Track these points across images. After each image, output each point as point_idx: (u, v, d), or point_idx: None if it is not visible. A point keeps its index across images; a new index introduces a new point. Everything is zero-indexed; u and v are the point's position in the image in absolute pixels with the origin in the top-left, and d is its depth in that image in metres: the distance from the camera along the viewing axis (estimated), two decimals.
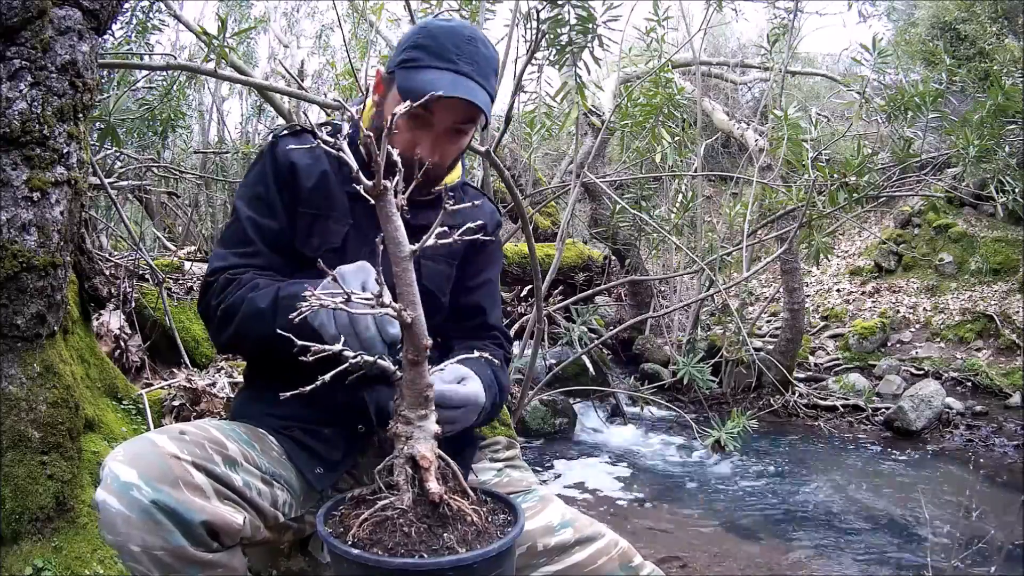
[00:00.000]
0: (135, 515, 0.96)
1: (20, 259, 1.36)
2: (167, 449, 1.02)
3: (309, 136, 1.32)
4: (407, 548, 0.86)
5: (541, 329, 3.00)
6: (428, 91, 1.10)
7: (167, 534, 0.97)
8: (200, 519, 0.99)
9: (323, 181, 1.29)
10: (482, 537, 0.89)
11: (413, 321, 0.88)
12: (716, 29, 8.91)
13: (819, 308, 8.38)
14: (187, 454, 1.03)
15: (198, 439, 1.08)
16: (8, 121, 1.33)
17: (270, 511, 1.13)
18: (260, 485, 1.12)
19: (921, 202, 8.14)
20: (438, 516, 0.90)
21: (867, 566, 3.21)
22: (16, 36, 1.33)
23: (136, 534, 0.97)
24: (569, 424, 5.34)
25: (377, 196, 0.86)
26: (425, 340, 0.90)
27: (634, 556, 1.27)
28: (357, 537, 0.88)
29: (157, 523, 0.97)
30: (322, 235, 1.28)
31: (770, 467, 4.71)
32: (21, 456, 1.42)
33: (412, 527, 0.88)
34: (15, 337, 1.40)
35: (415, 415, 0.92)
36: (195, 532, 0.99)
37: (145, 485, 0.98)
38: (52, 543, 1.45)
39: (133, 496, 0.97)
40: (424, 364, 0.92)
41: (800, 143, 3.63)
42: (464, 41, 1.21)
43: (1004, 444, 5.13)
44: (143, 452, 1.02)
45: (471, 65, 1.21)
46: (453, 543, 0.87)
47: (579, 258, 6.53)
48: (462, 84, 1.18)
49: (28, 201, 1.37)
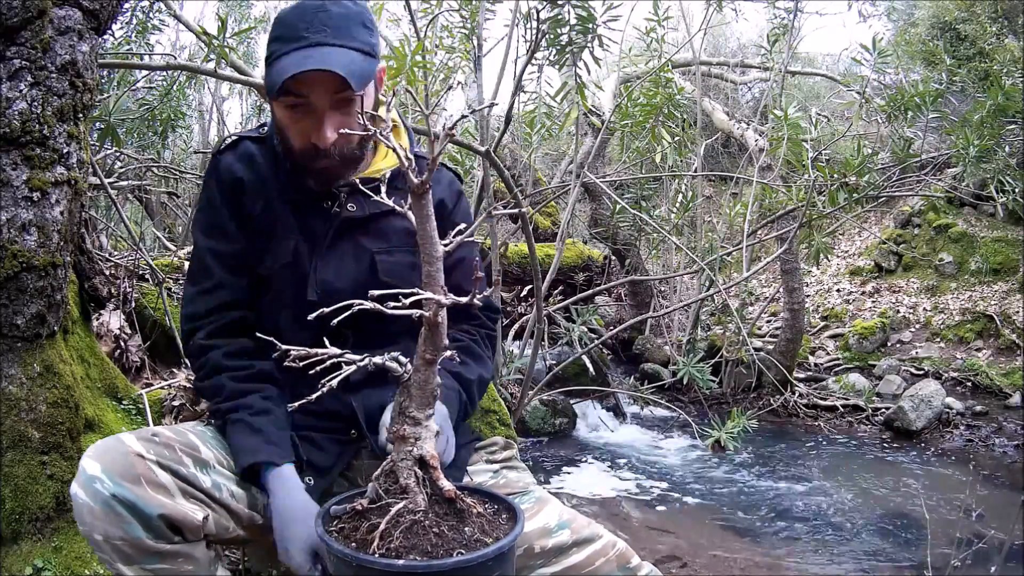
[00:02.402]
0: (97, 506, 1.01)
1: (20, 259, 1.37)
2: (133, 448, 1.06)
3: (248, 144, 1.30)
4: (446, 549, 0.85)
5: (541, 329, 3.01)
6: (281, 80, 1.11)
7: (126, 525, 1.02)
8: (158, 512, 1.03)
9: (268, 197, 1.27)
10: (493, 529, 0.89)
11: (442, 321, 0.89)
12: (716, 29, 8.91)
13: (819, 308, 8.38)
14: (153, 454, 1.07)
15: (169, 441, 1.11)
16: (8, 121, 1.33)
17: (244, 512, 1.16)
18: (233, 487, 1.15)
19: (921, 202, 8.14)
20: (456, 512, 0.90)
21: (867, 566, 3.21)
22: (16, 36, 1.33)
23: (99, 524, 1.01)
24: (569, 424, 5.34)
25: (419, 194, 0.85)
26: (444, 340, 0.91)
27: (632, 557, 1.26)
28: (389, 547, 0.85)
29: (117, 515, 1.01)
30: (274, 253, 1.28)
31: (770, 467, 4.71)
32: (21, 456, 1.42)
33: (436, 527, 0.88)
34: (15, 337, 1.40)
35: (424, 415, 0.92)
36: (153, 524, 1.03)
37: (107, 479, 1.02)
38: (52, 543, 1.45)
39: (96, 488, 1.02)
40: (435, 364, 0.91)
41: (800, 143, 3.63)
42: (311, 12, 1.16)
43: (1004, 444, 5.12)
44: (110, 449, 1.06)
45: (322, 31, 1.15)
46: (477, 536, 0.87)
47: (579, 258, 6.53)
48: (313, 55, 1.13)
49: (28, 201, 1.37)
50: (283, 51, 1.15)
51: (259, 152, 1.30)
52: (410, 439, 0.92)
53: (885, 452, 5.05)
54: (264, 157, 1.29)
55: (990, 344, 6.74)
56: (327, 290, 1.25)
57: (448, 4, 3.00)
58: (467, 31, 2.89)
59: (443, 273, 0.90)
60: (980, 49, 8.09)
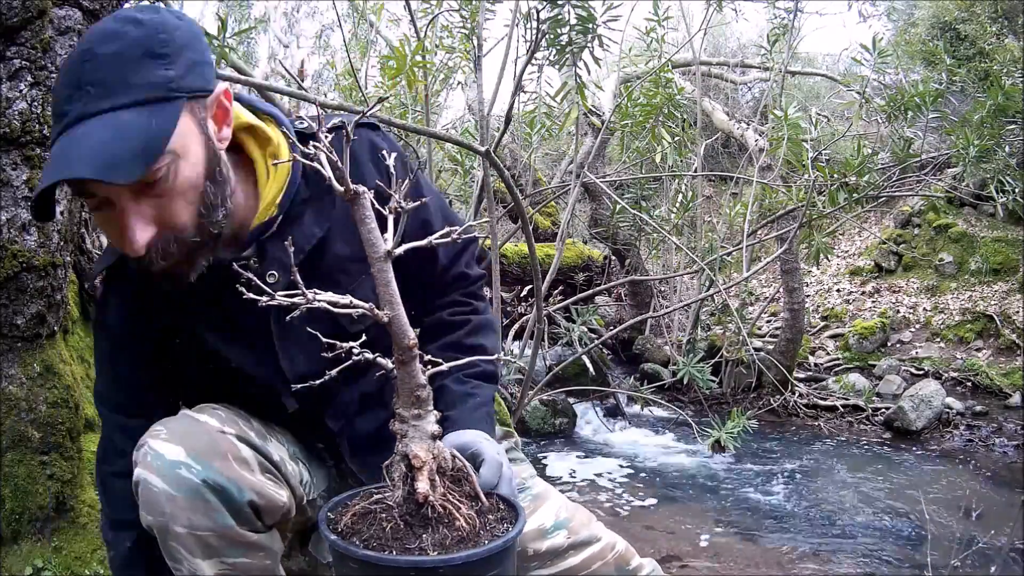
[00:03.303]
0: (182, 494, 0.93)
1: (20, 259, 1.37)
2: (212, 424, 0.99)
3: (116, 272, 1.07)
4: (379, 543, 0.86)
5: (541, 329, 3.00)
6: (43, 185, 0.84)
7: (215, 514, 0.94)
8: (248, 498, 0.96)
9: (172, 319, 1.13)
10: (464, 544, 0.87)
11: (391, 320, 0.89)
12: (716, 29, 8.91)
13: (819, 308, 8.38)
14: (230, 428, 1.00)
15: (231, 415, 1.04)
16: (8, 121, 1.33)
17: (299, 489, 1.11)
18: (289, 461, 1.09)
19: (921, 202, 8.14)
20: (421, 516, 0.90)
21: (867, 566, 3.21)
22: (16, 36, 1.33)
23: (183, 514, 0.93)
24: (569, 424, 5.35)
25: (352, 200, 0.84)
26: (407, 340, 0.90)
27: (632, 558, 1.24)
28: (346, 525, 0.89)
29: (206, 502, 0.93)
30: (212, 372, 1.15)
31: (770, 467, 4.71)
32: (21, 456, 1.42)
33: (391, 524, 0.88)
34: (15, 337, 1.41)
35: (409, 414, 0.93)
36: (244, 512, 0.96)
37: (195, 463, 0.94)
38: (52, 543, 1.45)
39: (180, 474, 0.93)
40: (412, 363, 0.92)
41: (800, 143, 3.63)
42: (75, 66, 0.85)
43: (1004, 444, 5.12)
44: (188, 429, 0.97)
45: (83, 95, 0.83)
46: (428, 545, 0.86)
47: (579, 258, 6.53)
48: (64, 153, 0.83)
49: (28, 201, 1.37)
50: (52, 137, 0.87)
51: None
52: (399, 435, 0.93)
53: (885, 452, 5.05)
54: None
55: (990, 344, 6.74)
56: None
57: (448, 4, 3.00)
58: (467, 31, 2.89)
59: (391, 271, 0.84)
60: (980, 49, 8.10)
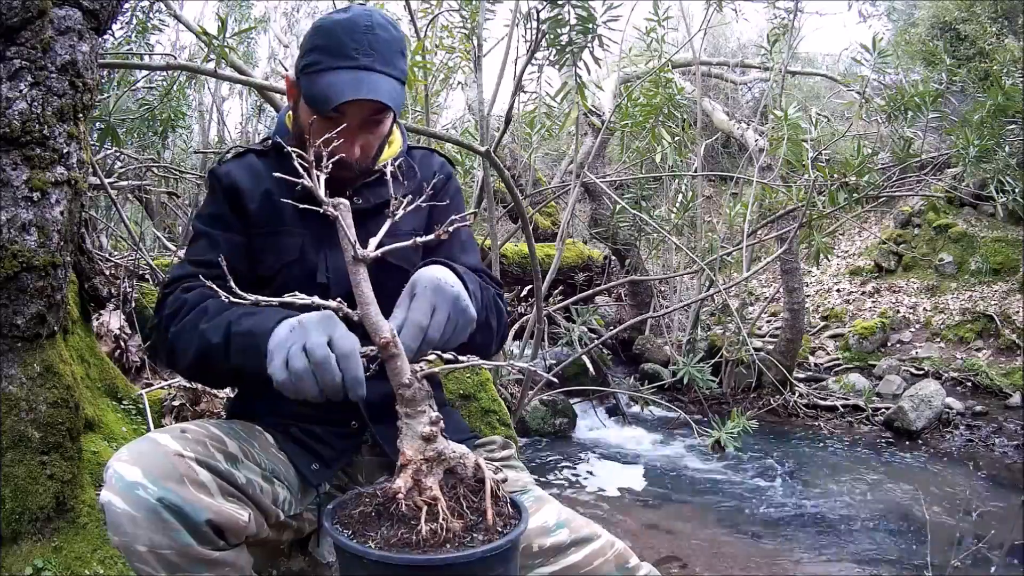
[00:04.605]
0: (141, 514, 0.96)
1: (20, 259, 1.37)
2: (171, 447, 1.02)
3: (252, 156, 1.33)
4: (349, 528, 0.90)
5: (541, 329, 3.01)
6: (330, 96, 1.14)
7: (174, 533, 0.97)
8: (205, 517, 0.99)
9: (267, 199, 1.28)
10: (428, 546, 0.85)
11: (361, 319, 0.92)
12: (716, 29, 8.91)
13: (819, 308, 8.38)
14: (190, 451, 1.03)
15: (199, 437, 1.08)
16: (8, 121, 1.33)
17: (271, 508, 1.13)
18: (261, 482, 1.12)
19: (921, 202, 8.14)
20: (389, 512, 0.90)
21: (867, 566, 3.21)
22: (16, 36, 1.33)
23: (143, 534, 0.97)
24: (569, 424, 5.35)
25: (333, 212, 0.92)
26: (379, 336, 0.91)
27: (630, 557, 1.25)
28: (340, 515, 0.93)
29: (164, 522, 0.97)
30: (276, 251, 1.28)
31: (770, 467, 4.71)
32: (21, 456, 1.42)
33: (367, 512, 0.91)
34: (15, 337, 1.40)
35: (401, 411, 0.94)
36: (201, 530, 0.99)
37: (151, 484, 0.97)
38: (52, 543, 1.45)
39: (138, 495, 0.97)
40: (395, 361, 0.93)
41: (800, 143, 3.63)
42: (361, 32, 1.18)
43: (1004, 444, 5.13)
44: (147, 451, 1.02)
45: (371, 56, 1.17)
46: (379, 539, 0.87)
47: (579, 258, 6.53)
48: (364, 81, 1.16)
49: (28, 201, 1.37)
50: (331, 66, 1.17)
51: (263, 164, 1.31)
52: (399, 430, 0.94)
53: (885, 452, 5.05)
54: (267, 167, 1.30)
55: (990, 344, 6.74)
56: (338, 275, 1.25)
57: (448, 4, 3.00)
58: (467, 31, 2.90)
59: (364, 273, 0.93)
60: (980, 49, 8.10)
